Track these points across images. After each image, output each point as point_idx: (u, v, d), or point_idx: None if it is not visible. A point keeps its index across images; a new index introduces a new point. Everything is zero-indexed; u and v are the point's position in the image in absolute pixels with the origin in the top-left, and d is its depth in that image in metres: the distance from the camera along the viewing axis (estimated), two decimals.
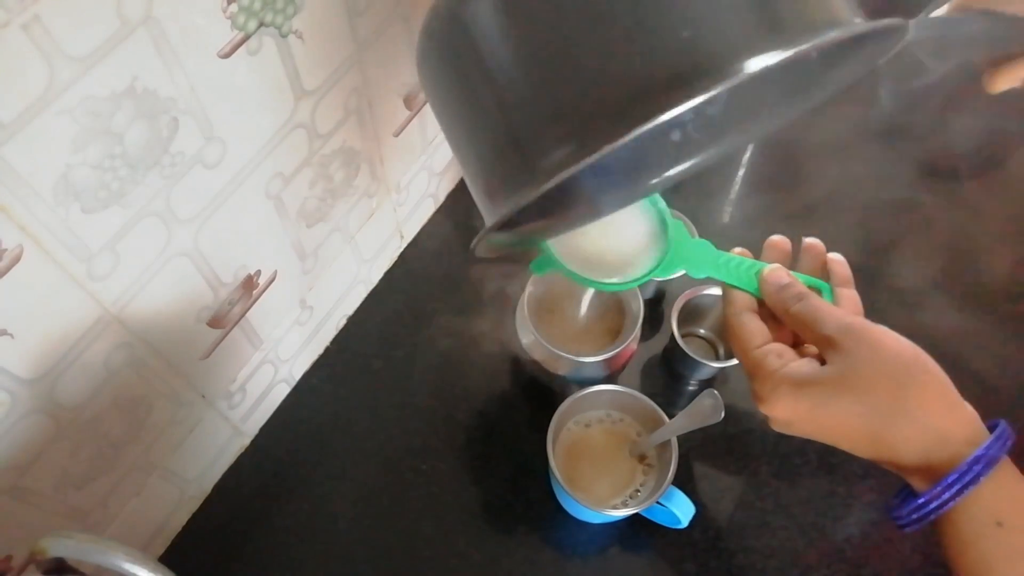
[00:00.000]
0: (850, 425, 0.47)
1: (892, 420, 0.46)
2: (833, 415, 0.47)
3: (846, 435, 0.48)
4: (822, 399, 0.47)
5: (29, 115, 0.38)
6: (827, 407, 0.47)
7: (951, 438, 0.45)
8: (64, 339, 0.48)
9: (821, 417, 0.47)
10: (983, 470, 0.44)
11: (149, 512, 0.66)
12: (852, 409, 0.46)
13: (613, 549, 0.70)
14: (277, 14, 0.50)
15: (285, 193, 0.61)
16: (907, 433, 0.46)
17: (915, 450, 0.46)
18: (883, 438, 0.47)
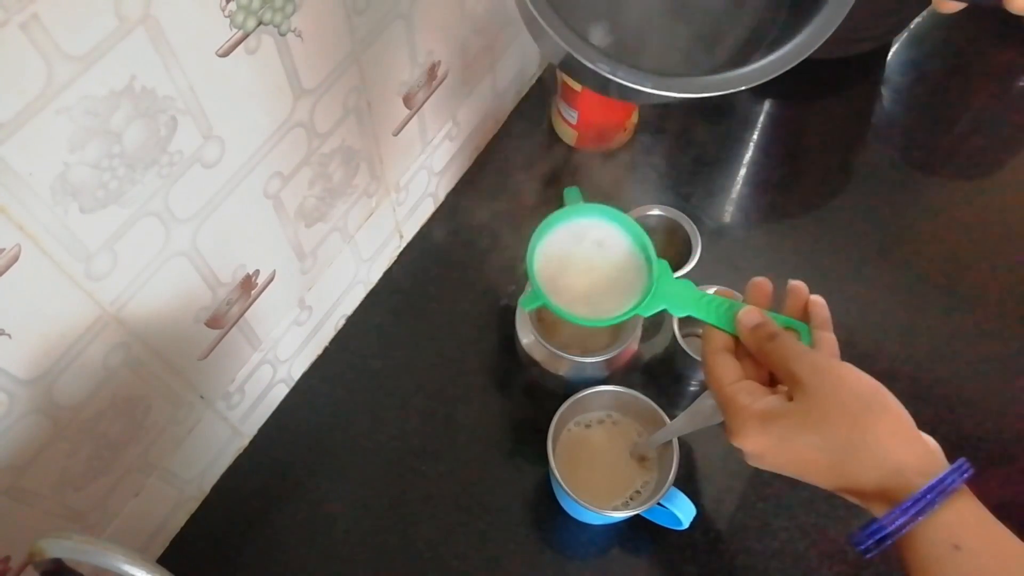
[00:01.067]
0: (812, 458, 0.49)
1: (851, 453, 0.48)
2: (797, 449, 0.49)
3: (810, 468, 0.50)
4: (787, 433, 0.49)
5: (27, 114, 0.38)
6: (792, 441, 0.49)
7: (907, 469, 0.47)
8: (62, 339, 0.48)
9: (787, 451, 0.50)
10: (938, 498, 0.46)
11: (148, 513, 0.66)
12: (814, 442, 0.48)
13: (614, 551, 0.70)
14: (276, 12, 0.50)
15: (284, 192, 0.61)
16: (866, 465, 0.48)
17: (873, 481, 0.48)
18: (843, 471, 0.49)
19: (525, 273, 0.60)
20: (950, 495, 0.47)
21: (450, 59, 0.75)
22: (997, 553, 0.48)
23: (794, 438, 0.49)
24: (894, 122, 0.98)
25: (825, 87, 0.99)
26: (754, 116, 0.97)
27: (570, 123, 0.89)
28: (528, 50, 0.92)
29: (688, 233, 0.77)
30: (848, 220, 0.89)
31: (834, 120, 0.98)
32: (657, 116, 0.95)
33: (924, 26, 1.05)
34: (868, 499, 0.50)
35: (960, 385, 0.78)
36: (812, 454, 0.49)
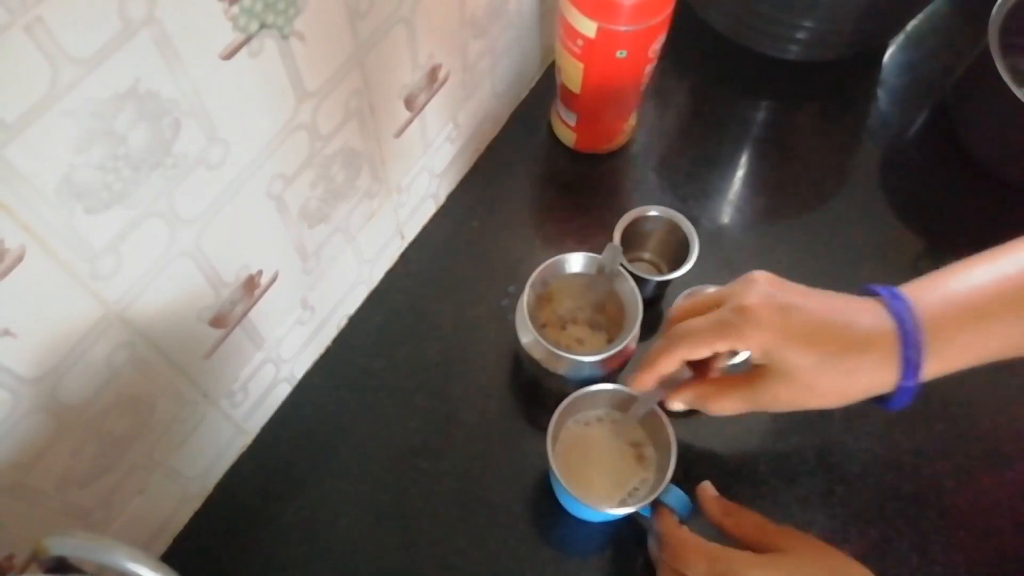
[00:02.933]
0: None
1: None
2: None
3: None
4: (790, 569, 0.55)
5: (32, 116, 0.39)
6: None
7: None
8: (67, 338, 0.48)
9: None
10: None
11: (151, 511, 0.66)
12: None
13: (613, 547, 0.71)
14: (279, 16, 0.50)
15: (287, 194, 0.61)
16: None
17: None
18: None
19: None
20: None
21: (451, 62, 0.76)
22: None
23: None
24: (890, 124, 0.98)
25: (822, 89, 1.00)
26: (752, 118, 0.98)
27: (569, 125, 0.90)
28: (528, 53, 0.93)
29: (686, 234, 0.77)
30: (845, 221, 0.89)
31: (831, 122, 0.98)
32: (656, 118, 0.96)
33: (920, 28, 1.06)
34: None
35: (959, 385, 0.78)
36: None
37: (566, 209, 0.90)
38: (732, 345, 0.52)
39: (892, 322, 0.50)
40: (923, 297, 0.51)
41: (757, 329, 0.50)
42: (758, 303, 0.51)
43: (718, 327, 0.52)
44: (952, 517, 0.72)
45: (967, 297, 0.50)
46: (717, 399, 0.55)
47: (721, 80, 1.01)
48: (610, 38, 0.75)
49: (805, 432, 0.76)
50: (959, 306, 0.50)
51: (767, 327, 0.50)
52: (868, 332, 0.50)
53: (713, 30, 0.99)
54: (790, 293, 0.52)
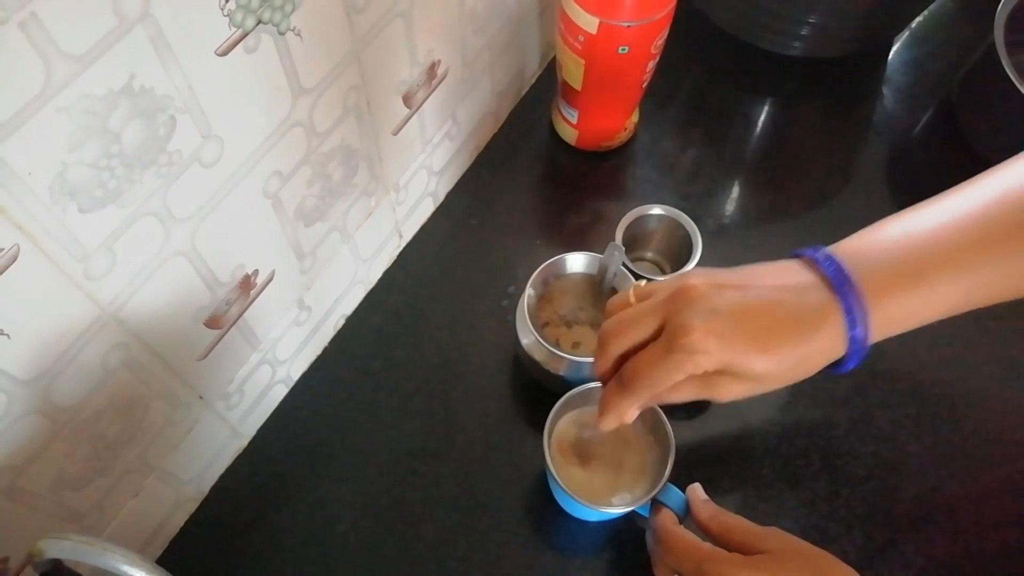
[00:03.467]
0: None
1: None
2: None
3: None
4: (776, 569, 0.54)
5: (25, 113, 0.38)
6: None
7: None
8: (60, 339, 0.48)
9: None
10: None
11: (146, 513, 0.65)
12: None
13: (614, 550, 0.70)
14: (275, 11, 0.49)
15: (283, 192, 0.61)
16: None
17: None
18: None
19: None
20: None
21: (450, 58, 0.75)
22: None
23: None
24: (895, 122, 0.97)
25: (826, 87, 0.99)
26: (755, 115, 0.97)
27: (570, 122, 0.89)
28: (528, 49, 0.92)
29: (688, 232, 0.76)
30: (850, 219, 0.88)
31: (835, 120, 0.98)
32: (658, 115, 0.95)
33: (925, 25, 1.05)
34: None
35: (960, 385, 0.78)
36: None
37: (567, 207, 0.89)
38: (688, 373, 0.50)
39: (835, 301, 0.49)
40: (862, 264, 0.50)
41: (709, 355, 0.48)
42: (703, 325, 0.48)
43: (669, 362, 0.50)
44: (957, 519, 0.72)
45: (906, 258, 0.50)
46: (671, 393, 0.53)
47: (724, 77, 1.00)
48: (612, 34, 0.74)
49: (810, 435, 0.75)
50: (899, 270, 0.50)
51: (718, 350, 0.48)
52: (814, 317, 0.49)
53: (716, 26, 0.99)
54: (731, 297, 0.50)
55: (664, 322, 0.51)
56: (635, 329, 0.53)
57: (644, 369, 0.51)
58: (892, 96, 0.99)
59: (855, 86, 1.00)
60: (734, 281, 0.52)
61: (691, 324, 0.48)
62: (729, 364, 0.49)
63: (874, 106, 0.99)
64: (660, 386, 0.51)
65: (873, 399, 0.77)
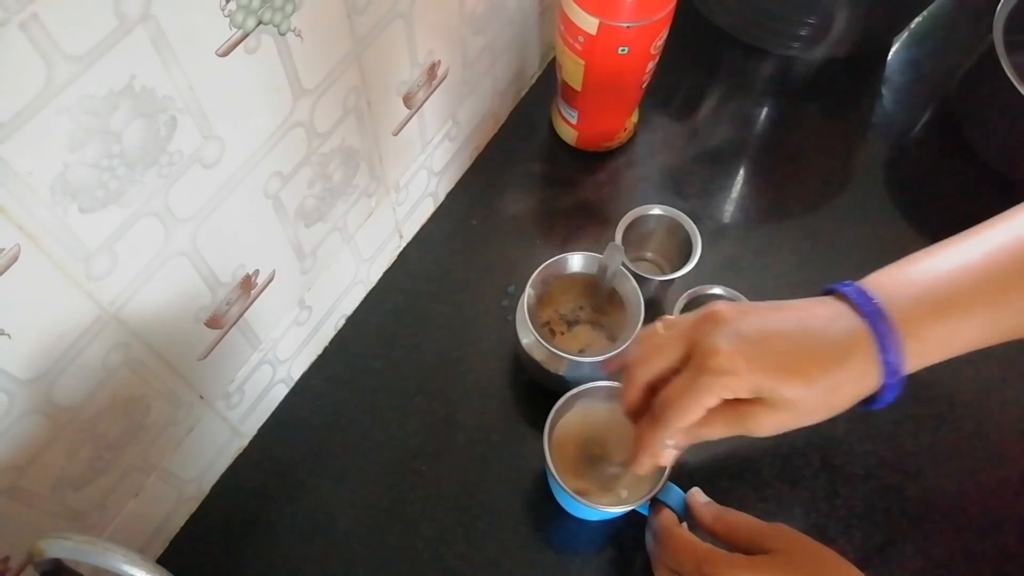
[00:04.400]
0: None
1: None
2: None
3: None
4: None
5: (27, 114, 0.38)
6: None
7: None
8: (61, 339, 0.48)
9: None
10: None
11: (147, 513, 0.65)
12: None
13: (614, 549, 0.70)
14: (276, 12, 0.49)
15: (284, 192, 0.61)
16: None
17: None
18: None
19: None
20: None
21: (450, 59, 0.75)
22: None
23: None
24: (894, 122, 0.97)
25: (825, 87, 0.99)
26: (754, 116, 0.97)
27: (570, 123, 0.89)
28: (528, 50, 0.92)
29: (688, 233, 0.76)
30: (849, 220, 0.89)
31: (835, 120, 0.98)
32: (658, 115, 0.95)
33: (924, 26, 1.05)
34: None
35: (960, 385, 0.78)
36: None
37: (567, 208, 0.89)
38: (721, 397, 0.49)
39: (865, 327, 0.49)
40: (892, 294, 0.50)
41: (738, 378, 0.48)
42: (731, 350, 0.48)
43: (701, 390, 0.49)
44: (956, 519, 0.72)
45: (936, 290, 0.49)
46: (701, 430, 0.52)
47: (724, 77, 1.00)
48: (612, 34, 0.75)
49: (809, 435, 0.75)
50: (930, 301, 0.49)
51: (746, 371, 0.48)
52: (845, 343, 0.49)
53: (716, 26, 0.99)
54: (756, 322, 0.50)
55: (690, 348, 0.51)
56: (661, 355, 0.52)
57: (674, 397, 0.50)
58: (891, 96, 1.00)
59: (855, 86, 1.00)
60: (760, 308, 0.52)
61: (717, 345, 0.48)
62: (759, 388, 0.48)
63: (873, 106, 0.99)
64: (692, 414, 0.50)
65: None
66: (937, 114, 0.97)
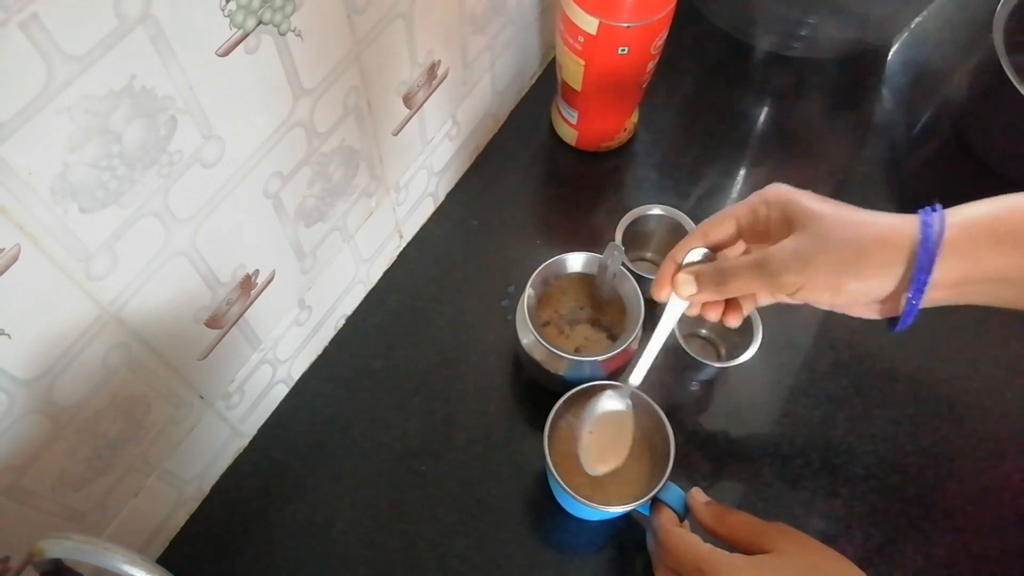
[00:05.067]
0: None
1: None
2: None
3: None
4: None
5: (27, 114, 0.38)
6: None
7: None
8: (61, 339, 0.48)
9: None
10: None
11: (147, 513, 0.65)
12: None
13: (613, 549, 0.70)
14: (276, 12, 0.49)
15: (283, 192, 0.61)
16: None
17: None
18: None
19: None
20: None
21: (450, 58, 0.75)
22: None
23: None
24: (895, 122, 0.97)
25: (826, 87, 0.99)
26: (754, 116, 0.97)
27: (570, 123, 0.89)
28: (528, 50, 0.92)
29: (688, 232, 0.76)
30: None
31: (835, 120, 0.98)
32: (658, 115, 0.95)
33: (925, 26, 1.05)
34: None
35: (960, 385, 0.78)
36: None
37: (567, 208, 0.89)
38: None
39: (916, 225, 0.53)
40: (956, 212, 0.54)
41: (776, 188, 0.57)
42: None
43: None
44: (956, 519, 0.72)
45: (988, 221, 0.53)
46: (733, 275, 0.59)
47: (724, 77, 1.00)
48: (612, 34, 0.75)
49: (809, 435, 0.75)
50: (978, 226, 0.53)
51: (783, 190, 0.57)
52: (890, 217, 0.55)
53: (716, 26, 0.99)
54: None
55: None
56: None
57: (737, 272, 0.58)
58: (891, 96, 0.99)
59: (855, 87, 1.00)
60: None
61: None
62: (788, 200, 0.58)
63: (874, 107, 0.99)
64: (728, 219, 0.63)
65: (872, 399, 0.77)
66: (937, 114, 0.97)
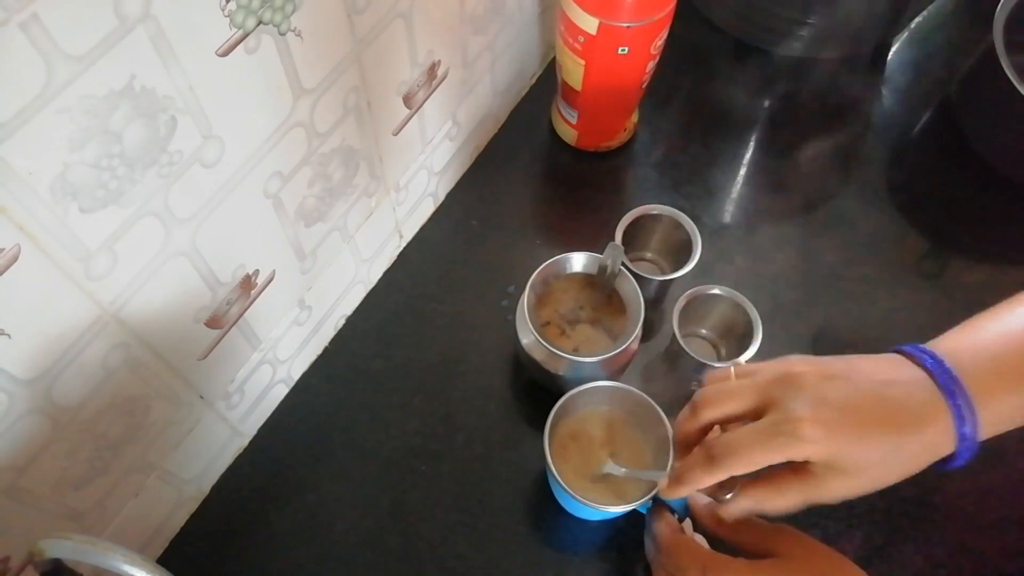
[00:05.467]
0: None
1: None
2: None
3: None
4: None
5: (27, 114, 0.38)
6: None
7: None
8: (61, 339, 0.48)
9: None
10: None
11: (147, 513, 0.65)
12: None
13: (613, 549, 0.70)
14: (276, 12, 0.49)
15: (283, 192, 0.61)
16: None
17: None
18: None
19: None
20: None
21: (450, 59, 0.75)
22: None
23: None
24: (894, 122, 0.97)
25: (825, 86, 0.99)
26: (754, 116, 0.97)
27: (570, 122, 0.89)
28: (528, 50, 0.92)
29: (688, 232, 0.76)
30: (849, 220, 0.89)
31: (834, 120, 0.98)
32: (658, 115, 0.95)
33: (924, 26, 1.05)
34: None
35: None
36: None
37: (567, 208, 0.89)
38: (789, 458, 0.50)
39: (942, 397, 0.49)
40: (965, 363, 0.50)
41: (815, 444, 0.49)
42: (812, 415, 0.49)
43: (771, 444, 0.50)
44: (956, 519, 0.72)
45: (1009, 358, 0.50)
46: (774, 500, 0.53)
47: (724, 77, 1.00)
48: (612, 34, 0.75)
49: None
50: (1003, 371, 0.50)
51: (825, 440, 0.49)
52: (922, 413, 0.49)
53: (716, 26, 0.99)
54: (840, 389, 0.50)
55: (764, 403, 0.52)
56: (733, 402, 0.53)
57: (741, 445, 0.51)
58: (891, 96, 1.00)
59: (854, 87, 1.00)
60: (840, 371, 0.52)
61: (799, 412, 0.49)
62: (836, 456, 0.49)
63: (873, 107, 0.99)
64: (753, 465, 0.51)
65: None
66: (937, 114, 0.97)
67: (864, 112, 0.98)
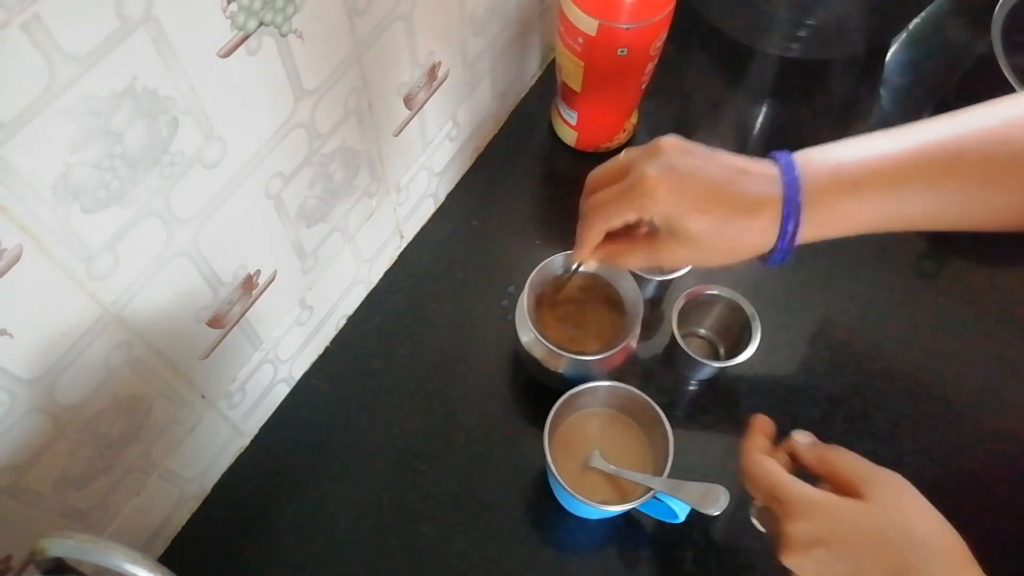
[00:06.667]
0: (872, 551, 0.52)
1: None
2: (858, 541, 0.52)
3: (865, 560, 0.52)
4: (853, 524, 0.52)
5: (29, 115, 0.38)
6: (855, 534, 0.52)
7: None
8: (63, 339, 0.48)
9: (848, 540, 0.51)
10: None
11: (149, 512, 0.66)
12: (875, 543, 0.52)
13: (613, 548, 0.70)
14: (277, 13, 0.50)
15: (285, 193, 0.61)
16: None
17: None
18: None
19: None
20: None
21: (450, 60, 0.76)
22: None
23: (857, 531, 0.51)
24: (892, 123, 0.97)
25: (824, 88, 0.99)
26: (753, 117, 0.98)
27: (570, 124, 0.89)
28: (528, 51, 0.93)
29: None
30: None
31: (833, 120, 0.98)
32: (657, 116, 0.95)
33: (923, 27, 1.05)
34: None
35: (958, 385, 0.78)
36: (870, 550, 0.52)
37: (567, 208, 0.88)
38: (638, 214, 0.55)
39: (780, 193, 0.53)
40: (813, 167, 0.54)
41: (655, 201, 0.53)
42: (657, 175, 0.54)
43: (623, 200, 0.55)
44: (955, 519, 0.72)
45: (851, 169, 0.54)
46: (624, 255, 0.59)
47: (723, 78, 1.00)
48: (611, 36, 0.75)
49: None
50: (841, 178, 0.53)
51: (664, 198, 0.53)
52: (756, 200, 0.53)
53: (715, 27, 0.99)
54: (691, 159, 0.55)
55: (630, 168, 0.56)
56: (610, 174, 0.59)
57: (600, 204, 0.57)
58: (889, 97, 1.00)
59: (853, 88, 1.00)
60: (700, 152, 0.56)
61: (647, 171, 0.54)
62: (669, 216, 0.53)
63: (872, 108, 0.99)
64: (610, 221, 0.56)
65: (871, 399, 0.77)
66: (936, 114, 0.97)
67: (863, 113, 0.99)
